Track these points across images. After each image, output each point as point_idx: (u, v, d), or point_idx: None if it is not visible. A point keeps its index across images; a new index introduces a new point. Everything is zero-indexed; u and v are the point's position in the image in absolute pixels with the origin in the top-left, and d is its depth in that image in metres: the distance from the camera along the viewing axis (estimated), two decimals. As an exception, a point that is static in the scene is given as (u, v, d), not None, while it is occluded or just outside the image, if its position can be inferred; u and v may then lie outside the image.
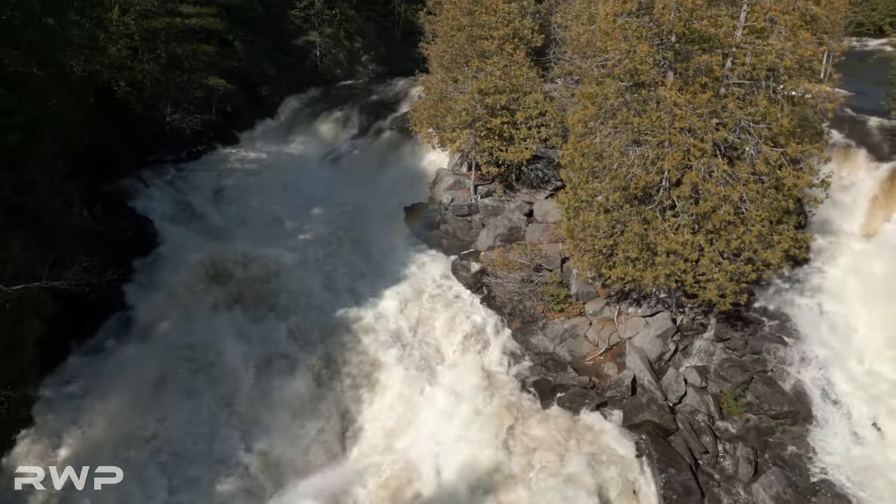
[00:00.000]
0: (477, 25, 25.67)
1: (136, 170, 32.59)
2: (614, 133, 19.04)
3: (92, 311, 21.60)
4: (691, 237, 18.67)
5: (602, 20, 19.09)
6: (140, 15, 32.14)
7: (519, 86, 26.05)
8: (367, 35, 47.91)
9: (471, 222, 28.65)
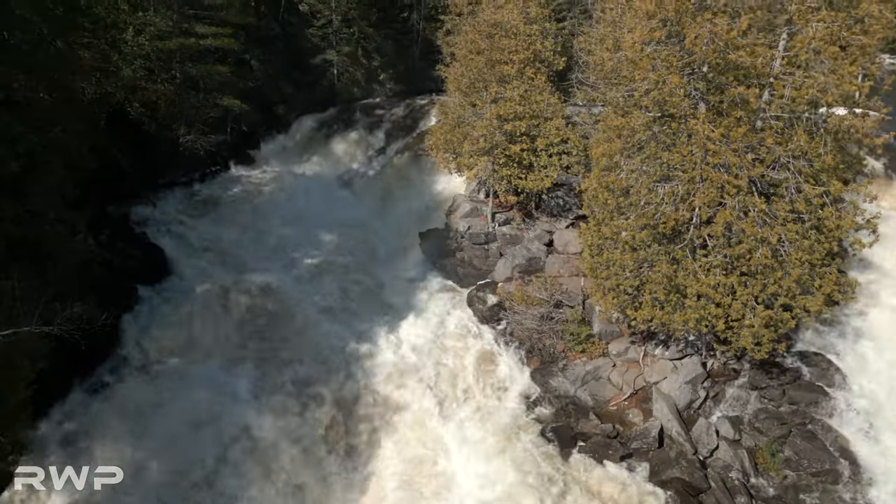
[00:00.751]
0: (496, 49, 24.71)
1: (148, 192, 32.06)
2: (642, 168, 17.89)
3: (93, 346, 20.80)
4: (723, 279, 17.40)
5: (629, 48, 17.99)
6: (154, 36, 31.71)
7: (539, 112, 25.02)
8: (386, 53, 47.26)
9: (488, 251, 27.55)
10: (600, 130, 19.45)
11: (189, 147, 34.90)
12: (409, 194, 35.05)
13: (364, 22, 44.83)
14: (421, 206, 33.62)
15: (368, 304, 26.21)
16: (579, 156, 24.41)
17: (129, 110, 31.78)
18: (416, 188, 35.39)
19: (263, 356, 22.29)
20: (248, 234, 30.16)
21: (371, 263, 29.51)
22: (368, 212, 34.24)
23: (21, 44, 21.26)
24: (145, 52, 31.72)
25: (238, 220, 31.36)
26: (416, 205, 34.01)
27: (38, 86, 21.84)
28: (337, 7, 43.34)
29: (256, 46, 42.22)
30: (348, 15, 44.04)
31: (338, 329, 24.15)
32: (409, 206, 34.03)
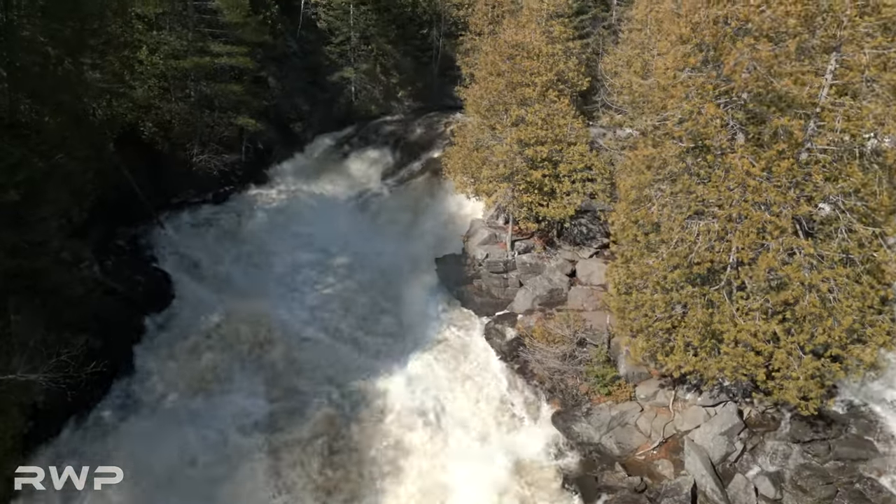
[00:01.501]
0: (517, 71, 23.59)
1: (160, 212, 31.36)
2: (673, 202, 16.55)
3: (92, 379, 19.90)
4: (764, 324, 15.94)
5: (660, 74, 16.72)
6: (169, 55, 31.12)
7: (563, 136, 23.79)
8: (404, 70, 46.47)
9: (507, 280, 26.30)
10: (628, 160, 18.13)
11: (202, 167, 34.22)
12: (426, 217, 34.04)
13: (383, 39, 44.09)
14: (437, 230, 32.58)
15: (380, 334, 25.16)
16: (604, 183, 23.11)
17: (141, 130, 31.16)
18: (432, 211, 34.36)
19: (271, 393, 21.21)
20: (258, 258, 29.28)
21: (385, 290, 28.42)
22: (383, 234, 33.22)
23: (27, 66, 20.68)
24: (159, 72, 31.13)
25: (249, 243, 30.50)
26: (432, 228, 32.99)
27: (44, 109, 21.22)
28: (355, 24, 42.62)
29: (273, 63, 41.65)
30: (367, 32, 43.32)
31: (348, 363, 23.07)
32: (426, 229, 33.00)
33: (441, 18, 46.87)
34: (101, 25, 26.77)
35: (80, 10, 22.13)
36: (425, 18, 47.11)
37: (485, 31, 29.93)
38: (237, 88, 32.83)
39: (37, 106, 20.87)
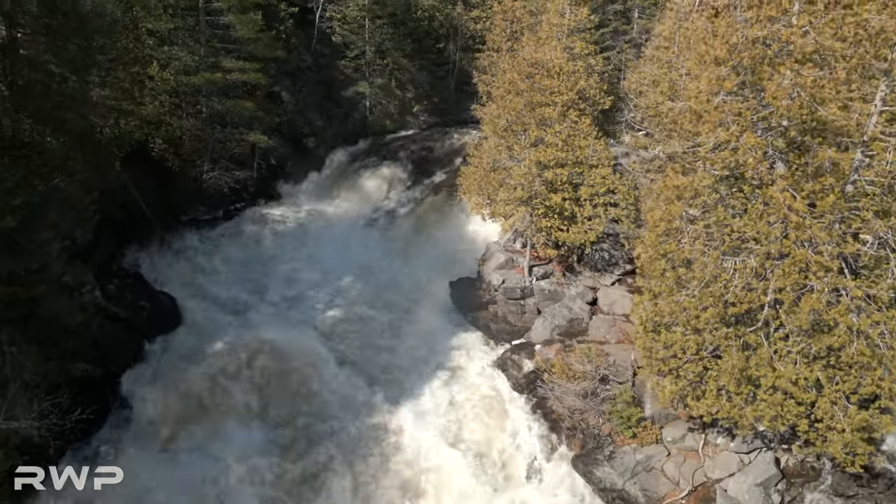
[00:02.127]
0: (537, 90, 22.55)
1: (168, 231, 30.69)
2: (706, 236, 15.35)
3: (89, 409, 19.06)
4: (805, 370, 14.65)
5: (692, 98, 15.57)
6: (180, 71, 30.52)
7: (584, 158, 22.68)
8: (420, 85, 45.69)
9: (524, 307, 25.16)
10: (656, 188, 16.96)
11: (213, 184, 33.54)
12: (440, 237, 33.02)
13: (398, 53, 43.36)
14: (452, 251, 31.54)
15: (391, 363, 24.09)
16: (628, 209, 21.93)
17: (151, 147, 30.52)
18: (447, 230, 33.35)
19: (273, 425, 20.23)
20: (267, 279, 28.44)
21: (396, 314, 27.46)
22: (396, 254, 32.26)
23: (29, 84, 20.06)
24: (170, 87, 30.52)
25: (258, 263, 29.72)
26: (447, 249, 31.94)
27: (46, 129, 20.57)
28: (371, 38, 41.94)
29: (287, 78, 41.08)
30: (382, 46, 42.61)
31: (356, 394, 22.03)
32: (440, 250, 31.96)
33: (458, 32, 46.09)
34: (111, 42, 26.35)
35: (85, 27, 21.53)
36: (442, 32, 46.35)
37: (503, 48, 28.94)
38: (249, 105, 32.14)
39: (38, 126, 20.22)
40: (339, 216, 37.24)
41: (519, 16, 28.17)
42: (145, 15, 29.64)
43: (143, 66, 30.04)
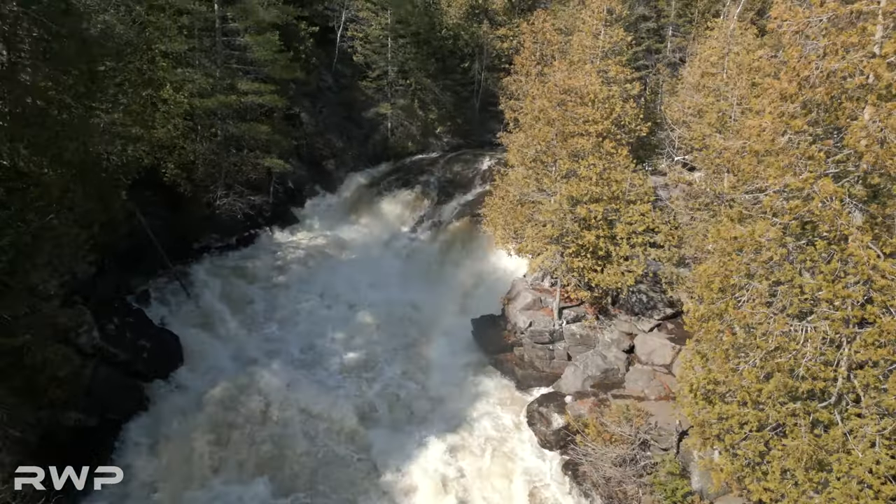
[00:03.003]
0: (569, 119, 20.70)
1: (180, 259, 29.38)
2: (771, 297, 13.29)
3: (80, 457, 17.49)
4: (886, 456, 12.45)
5: (754, 137, 13.59)
6: (194, 93, 29.31)
7: (620, 193, 20.72)
8: (443, 105, 44.20)
9: (553, 351, 23.15)
10: (711, 239, 14.93)
11: (227, 209, 32.25)
12: (463, 269, 31.24)
13: (422, 73, 41.92)
14: (475, 285, 29.75)
15: (408, 412, 22.25)
16: (671, 251, 19.88)
17: (163, 172, 29.29)
18: (470, 262, 31.55)
19: (277, 491, 18.43)
20: (278, 314, 26.83)
21: (415, 353, 25.70)
22: (416, 286, 30.49)
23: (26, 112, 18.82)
24: (184, 111, 29.31)
25: (270, 296, 28.15)
26: (469, 282, 30.16)
27: (43, 159, 19.29)
28: (393, 58, 40.58)
29: (307, 98, 39.90)
30: (405, 66, 41.23)
31: (370, 450, 20.16)
32: (462, 282, 30.18)
33: (483, 51, 44.55)
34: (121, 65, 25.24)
35: (88, 51, 20.30)
36: (467, 52, 44.87)
37: (532, 73, 27.20)
38: (265, 128, 30.81)
39: (35, 156, 18.95)
40: (358, 242, 35.71)
41: (550, 38, 26.44)
42: (160, 36, 28.57)
43: (157, 88, 29.01)
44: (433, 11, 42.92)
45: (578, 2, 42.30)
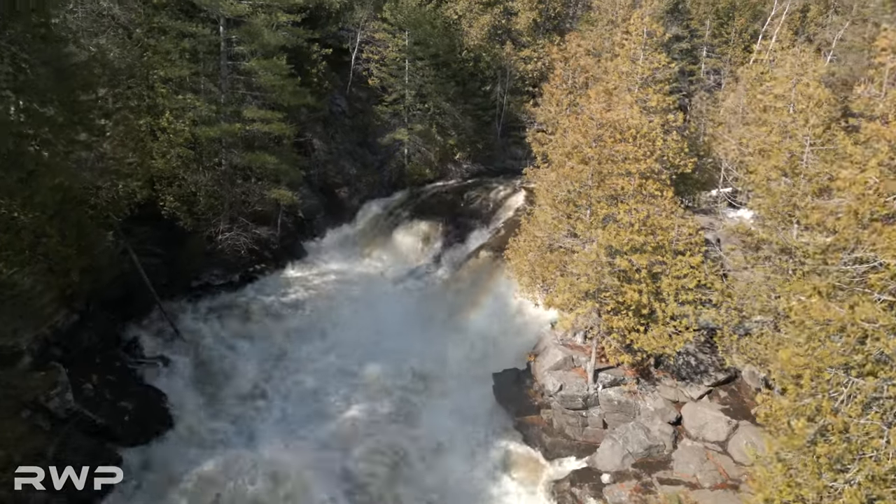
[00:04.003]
0: (608, 158, 18.08)
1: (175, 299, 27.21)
2: (875, 396, 10.46)
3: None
4: None
5: (850, 191, 10.85)
6: (196, 121, 27.23)
7: (667, 243, 17.98)
8: (463, 130, 41.82)
9: (586, 418, 20.34)
10: (793, 314, 12.13)
11: (230, 244, 30.01)
12: (483, 312, 28.54)
13: (441, 97, 39.61)
14: (497, 331, 27.04)
15: (420, 489, 19.51)
16: (729, 313, 17.05)
17: (161, 205, 27.15)
18: (491, 304, 28.85)
19: None
20: (277, 369, 24.32)
21: (427, 414, 23.02)
22: (432, 332, 27.90)
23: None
24: (184, 139, 27.20)
25: (271, 345, 25.70)
26: (491, 328, 27.45)
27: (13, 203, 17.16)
28: (411, 81, 38.34)
29: (319, 123, 37.76)
30: (423, 89, 38.96)
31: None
32: (482, 328, 27.48)
33: (506, 74, 42.19)
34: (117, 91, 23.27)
35: (70, 80, 18.23)
36: (488, 74, 42.52)
37: (563, 102, 24.62)
38: (272, 159, 28.57)
39: (3, 199, 16.83)
40: (370, 279, 33.27)
41: (583, 63, 23.88)
42: (160, 60, 26.59)
43: (156, 116, 27.03)
44: (453, 32, 40.72)
45: (608, 22, 39.98)
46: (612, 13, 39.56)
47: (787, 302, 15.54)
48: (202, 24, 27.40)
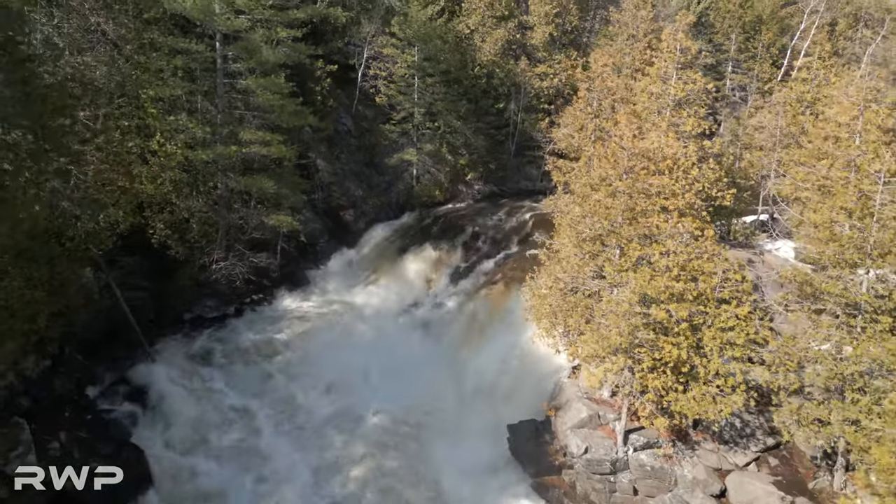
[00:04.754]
0: (641, 192, 15.88)
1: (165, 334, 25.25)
2: None
3: None
4: None
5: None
6: (189, 144, 25.31)
7: (709, 290, 15.70)
8: (475, 149, 39.77)
9: (614, 484, 17.97)
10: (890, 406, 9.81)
11: (225, 273, 28.02)
12: (496, 349, 26.25)
13: (452, 115, 37.60)
14: (512, 374, 24.72)
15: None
16: (789, 377, 14.69)
17: (150, 233, 25.19)
18: (505, 341, 26.54)
19: None
20: (271, 416, 22.20)
21: (434, 467, 20.76)
22: (440, 372, 25.70)
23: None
24: (175, 164, 25.29)
25: (265, 388, 23.61)
26: (505, 369, 25.13)
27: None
28: (420, 99, 36.41)
29: (323, 143, 35.85)
30: (433, 107, 36.99)
31: None
32: (495, 369, 25.17)
33: (520, 91, 40.17)
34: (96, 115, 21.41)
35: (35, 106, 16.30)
36: (502, 91, 40.50)
37: (588, 127, 22.39)
38: (270, 183, 26.59)
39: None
40: (375, 309, 31.16)
41: (612, 86, 21.54)
42: (150, 79, 24.72)
43: (146, 138, 25.18)
44: (465, 47, 38.77)
45: (628, 37, 37.92)
46: (632, 27, 37.50)
47: (857, 366, 13.23)
48: (198, 40, 25.57)
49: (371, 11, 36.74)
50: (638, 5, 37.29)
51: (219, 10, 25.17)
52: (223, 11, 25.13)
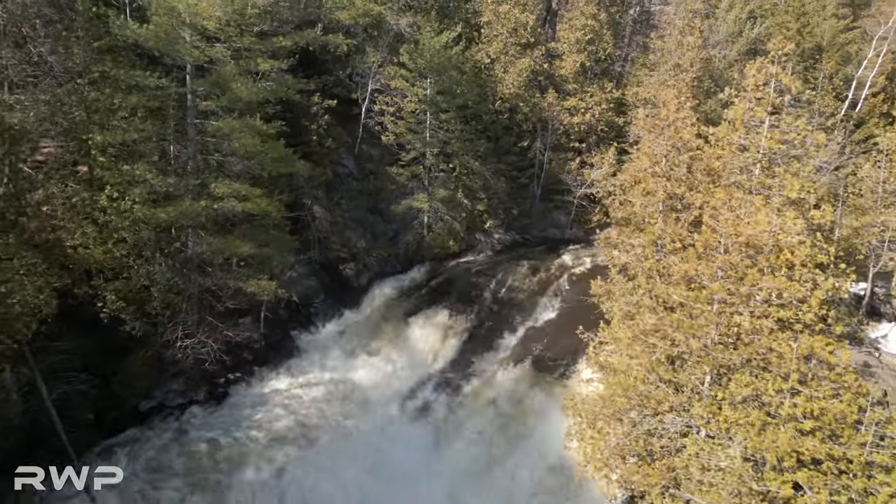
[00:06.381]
0: (744, 300, 10.67)
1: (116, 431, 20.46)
2: None
3: None
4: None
5: None
6: (147, 200, 20.57)
7: (858, 447, 10.36)
8: (495, 193, 34.91)
9: None
10: None
11: (194, 351, 23.16)
12: (519, 455, 21.17)
13: (469, 155, 32.79)
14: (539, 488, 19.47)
15: None
16: None
17: (100, 306, 20.41)
18: (531, 442, 21.44)
19: None
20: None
21: None
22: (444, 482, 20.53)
23: None
24: (129, 222, 20.58)
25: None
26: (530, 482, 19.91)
27: None
28: (433, 137, 31.66)
29: (320, 187, 31.12)
30: (448, 147, 32.23)
31: None
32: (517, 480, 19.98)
33: (547, 127, 35.28)
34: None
35: None
36: (526, 128, 35.67)
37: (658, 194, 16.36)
38: (245, 248, 21.82)
39: None
40: (374, 390, 26.20)
41: (688, 138, 15.81)
42: (99, 120, 20.15)
43: (93, 193, 20.62)
44: (485, 79, 34.09)
45: (672, 66, 33.05)
46: (677, 55, 32.58)
47: None
48: (166, 73, 21.01)
49: (377, 38, 32.24)
50: (683, 31, 32.43)
51: (189, 38, 20.64)
52: (192, 39, 20.59)
